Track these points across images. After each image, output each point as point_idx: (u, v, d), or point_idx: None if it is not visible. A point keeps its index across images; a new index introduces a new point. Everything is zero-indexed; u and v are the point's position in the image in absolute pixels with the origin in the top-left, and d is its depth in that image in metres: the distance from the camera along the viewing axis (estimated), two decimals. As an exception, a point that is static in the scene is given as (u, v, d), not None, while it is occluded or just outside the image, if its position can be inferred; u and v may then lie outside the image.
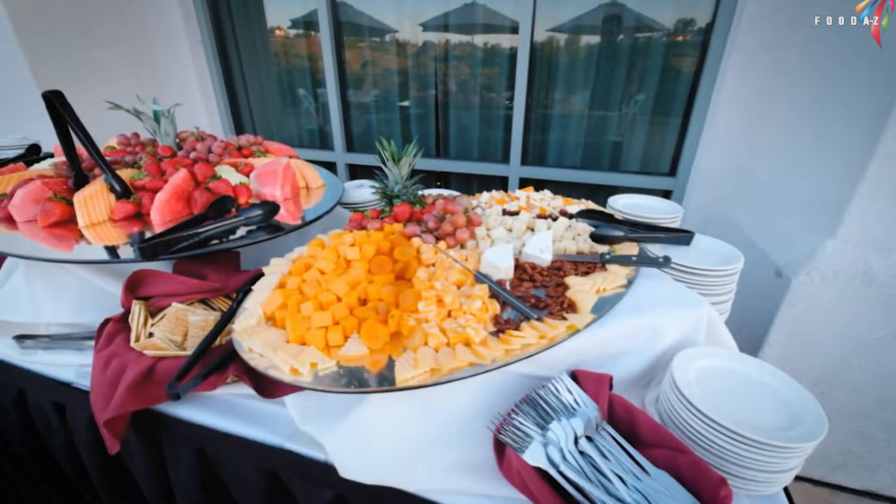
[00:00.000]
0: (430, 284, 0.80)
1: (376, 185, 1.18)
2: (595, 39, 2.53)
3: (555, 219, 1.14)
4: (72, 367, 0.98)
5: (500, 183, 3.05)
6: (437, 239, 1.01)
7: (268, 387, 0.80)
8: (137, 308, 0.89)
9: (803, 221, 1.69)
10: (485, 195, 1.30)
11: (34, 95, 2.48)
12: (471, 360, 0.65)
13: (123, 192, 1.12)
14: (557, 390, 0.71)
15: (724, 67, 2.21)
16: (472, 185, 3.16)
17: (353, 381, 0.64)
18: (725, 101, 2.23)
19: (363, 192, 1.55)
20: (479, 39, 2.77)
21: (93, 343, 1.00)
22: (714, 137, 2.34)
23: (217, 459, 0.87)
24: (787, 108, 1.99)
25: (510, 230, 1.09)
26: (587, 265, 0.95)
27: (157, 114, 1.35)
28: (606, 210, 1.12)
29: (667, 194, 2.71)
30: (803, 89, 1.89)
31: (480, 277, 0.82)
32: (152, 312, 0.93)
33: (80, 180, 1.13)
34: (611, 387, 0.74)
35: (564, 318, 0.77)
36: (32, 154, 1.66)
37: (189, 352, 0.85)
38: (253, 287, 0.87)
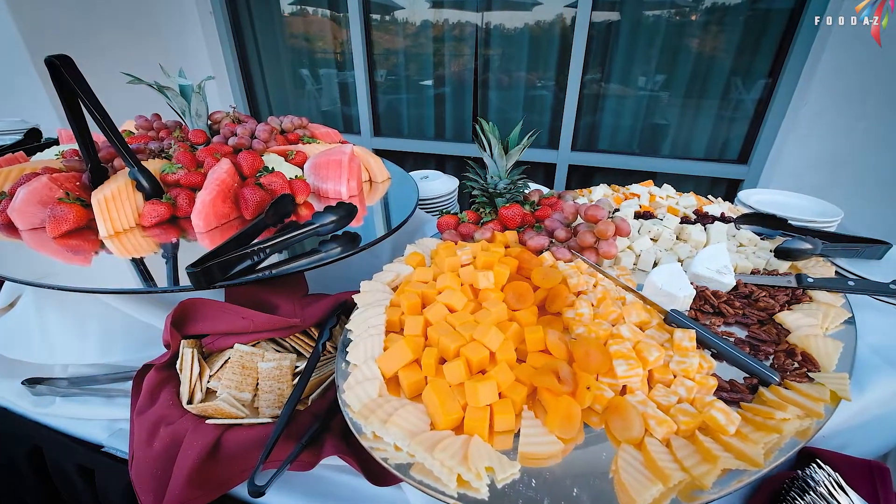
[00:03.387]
0: (610, 330, 0.56)
1: (473, 178, 0.93)
2: (658, 12, 2.22)
3: (702, 223, 0.90)
4: (100, 421, 0.75)
5: (544, 170, 2.78)
6: (572, 254, 0.77)
7: (380, 470, 0.58)
8: (189, 353, 0.65)
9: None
10: (597, 191, 1.05)
11: (28, 72, 2.20)
12: (733, 464, 0.42)
13: (153, 189, 0.88)
14: (831, 495, 0.48)
15: (820, 39, 1.92)
16: (511, 172, 2.89)
17: (558, 501, 0.41)
18: (821, 80, 1.95)
19: (429, 185, 1.30)
20: (526, 15, 2.46)
21: (124, 387, 0.78)
22: (801, 120, 2.07)
23: (303, 556, 0.65)
24: (900, 85, 1.71)
25: (655, 240, 0.85)
26: (785, 291, 0.71)
27: (185, 89, 1.09)
28: (778, 214, 0.87)
29: (735, 183, 2.45)
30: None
31: (678, 318, 0.59)
32: (205, 354, 0.70)
33: (98, 174, 0.88)
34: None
35: (809, 379, 0.54)
36: (33, 140, 1.41)
37: (264, 418, 0.62)
38: (349, 327, 0.63)
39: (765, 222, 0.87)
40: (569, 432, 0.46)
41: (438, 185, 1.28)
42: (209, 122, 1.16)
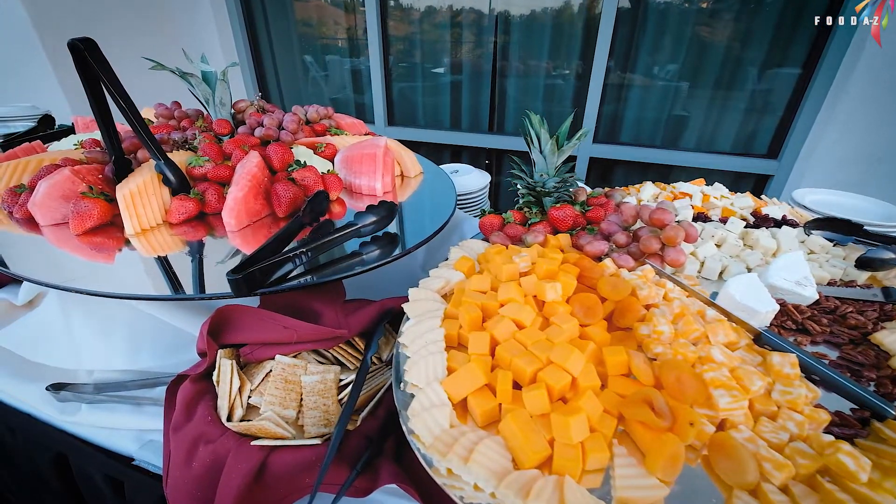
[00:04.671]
0: (697, 353, 0.51)
1: (518, 175, 0.87)
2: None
3: (764, 226, 0.84)
4: (129, 431, 0.71)
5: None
6: (635, 260, 0.71)
7: (439, 498, 0.53)
8: (228, 365, 0.60)
9: None
10: (646, 190, 0.98)
11: (37, 55, 2.14)
12: (868, 519, 0.37)
13: (180, 184, 0.82)
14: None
15: (861, 30, 1.81)
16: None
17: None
18: (866, 66, 1.84)
19: (460, 180, 1.24)
20: (547, 0, 2.35)
21: (153, 395, 0.73)
22: (840, 113, 1.98)
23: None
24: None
25: (719, 246, 0.79)
26: (872, 306, 0.65)
27: (208, 76, 1.03)
28: (852, 219, 0.81)
29: (763, 179, 2.37)
30: None
31: (773, 339, 0.53)
32: (242, 364, 0.65)
33: (122, 167, 0.83)
34: None
35: (922, 412, 0.48)
36: (46, 127, 1.36)
37: (312, 439, 0.57)
38: (402, 341, 0.58)
39: (837, 227, 0.81)
40: (672, 475, 0.41)
41: (470, 180, 1.22)
42: (233, 111, 1.09)
